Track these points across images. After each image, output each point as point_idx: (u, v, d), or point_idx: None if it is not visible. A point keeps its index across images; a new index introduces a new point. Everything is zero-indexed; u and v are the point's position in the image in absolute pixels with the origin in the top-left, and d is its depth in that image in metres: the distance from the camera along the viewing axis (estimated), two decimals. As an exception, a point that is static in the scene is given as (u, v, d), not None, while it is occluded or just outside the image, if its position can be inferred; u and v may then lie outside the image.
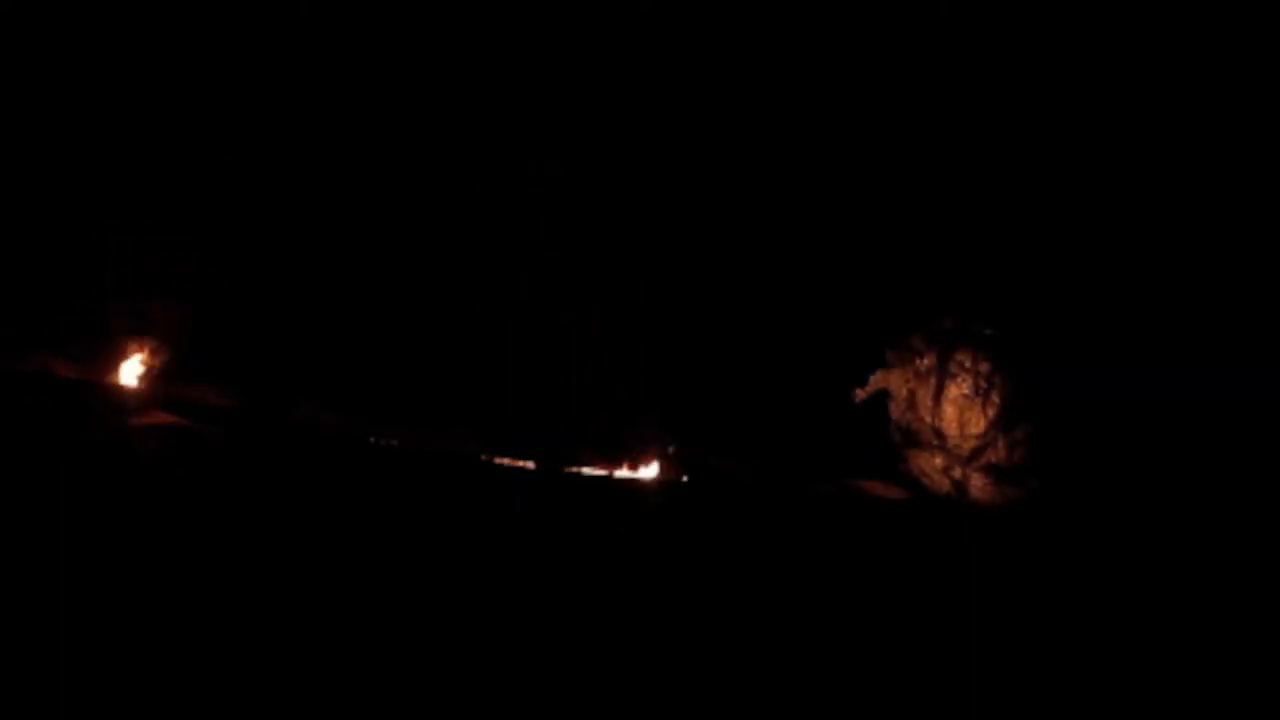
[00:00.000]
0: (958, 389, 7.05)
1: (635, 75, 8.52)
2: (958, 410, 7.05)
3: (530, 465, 7.29)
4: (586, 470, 7.26)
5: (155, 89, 8.25)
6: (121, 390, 7.39)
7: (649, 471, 7.30)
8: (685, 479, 7.24)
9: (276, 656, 3.77)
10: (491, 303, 8.69)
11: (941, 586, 5.46)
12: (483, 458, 7.38)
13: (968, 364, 7.07)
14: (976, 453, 7.03)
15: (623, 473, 7.22)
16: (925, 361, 7.15)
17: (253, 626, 3.96)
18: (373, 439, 7.22)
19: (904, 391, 7.22)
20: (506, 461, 7.29)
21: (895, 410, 7.27)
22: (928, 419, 7.13)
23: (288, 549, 4.76)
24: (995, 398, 7.01)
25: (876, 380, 7.29)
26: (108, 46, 8.25)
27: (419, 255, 8.71)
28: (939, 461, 7.11)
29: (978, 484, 7.02)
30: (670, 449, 7.37)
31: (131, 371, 7.64)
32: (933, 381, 7.11)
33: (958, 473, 7.07)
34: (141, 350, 7.68)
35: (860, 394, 7.32)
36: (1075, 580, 5.58)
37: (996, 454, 7.01)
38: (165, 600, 4.06)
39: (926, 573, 5.67)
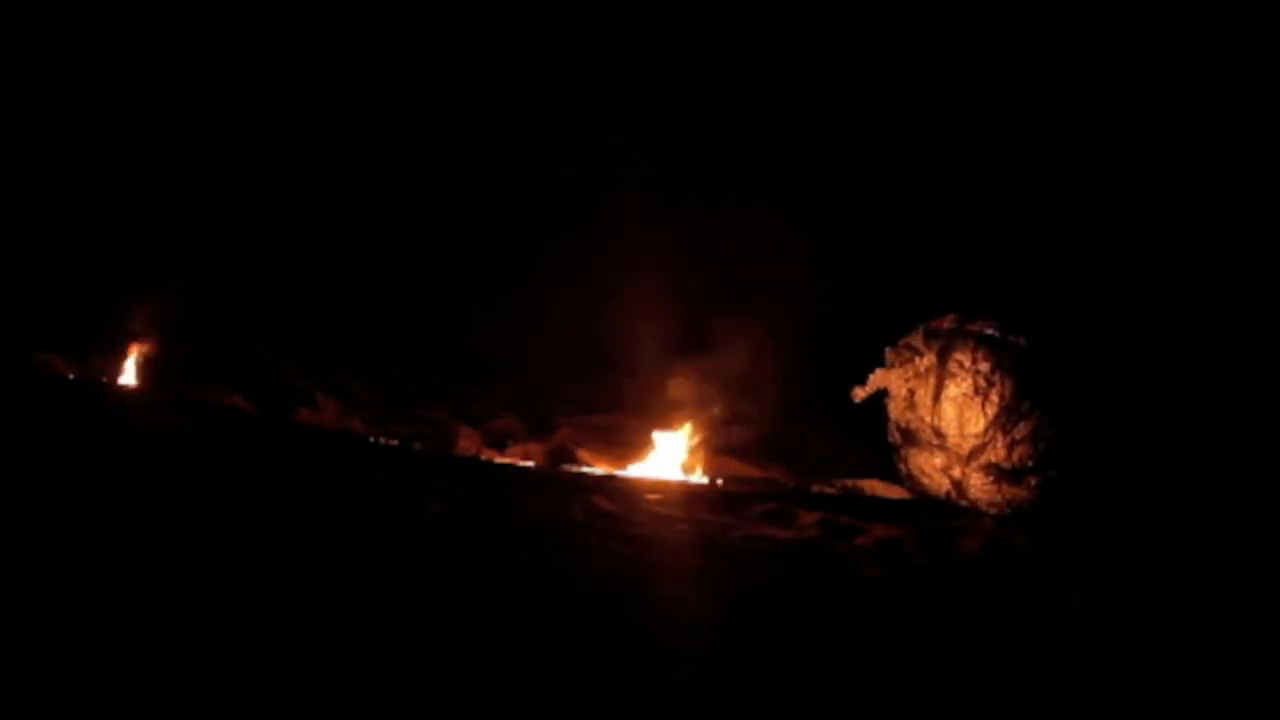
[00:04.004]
0: (957, 388, 7.04)
1: (636, 74, 8.54)
2: (957, 409, 7.04)
3: (530, 464, 7.32)
4: (588, 470, 7.29)
5: (154, 88, 8.29)
6: (121, 390, 7.42)
7: (648, 471, 7.32)
8: (682, 479, 7.25)
9: (276, 657, 3.78)
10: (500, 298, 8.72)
11: (941, 586, 5.46)
12: (484, 458, 7.40)
13: (967, 363, 7.06)
14: (976, 452, 7.02)
15: (624, 472, 7.24)
16: (925, 361, 7.14)
17: (252, 627, 3.97)
18: (373, 439, 7.24)
19: (903, 391, 7.21)
20: (509, 461, 7.32)
21: (894, 410, 7.27)
22: (927, 418, 7.12)
23: (288, 549, 4.78)
24: (995, 397, 7.00)
25: (876, 380, 7.29)
26: (111, 45, 8.28)
27: (418, 254, 8.73)
28: (939, 461, 7.10)
29: (978, 483, 7.01)
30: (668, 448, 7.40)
31: (132, 371, 7.67)
32: (932, 381, 7.10)
33: (957, 472, 7.06)
34: (142, 350, 7.72)
35: (859, 393, 7.32)
36: (1077, 581, 5.57)
37: (996, 453, 7.00)
38: (165, 600, 4.07)
39: (927, 573, 5.67)
